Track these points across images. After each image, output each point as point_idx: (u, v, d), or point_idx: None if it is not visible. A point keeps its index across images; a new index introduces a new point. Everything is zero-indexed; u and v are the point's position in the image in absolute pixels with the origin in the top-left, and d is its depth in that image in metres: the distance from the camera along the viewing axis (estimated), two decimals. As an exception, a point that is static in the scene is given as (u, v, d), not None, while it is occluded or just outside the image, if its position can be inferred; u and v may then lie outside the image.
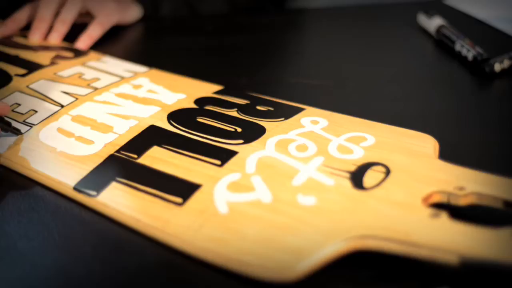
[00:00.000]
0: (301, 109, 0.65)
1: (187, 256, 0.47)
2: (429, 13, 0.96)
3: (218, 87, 0.71)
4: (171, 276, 0.46)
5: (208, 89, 0.71)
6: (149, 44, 0.95)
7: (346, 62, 0.87)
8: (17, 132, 0.60)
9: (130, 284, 0.45)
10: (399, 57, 0.90)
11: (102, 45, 0.89)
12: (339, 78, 0.80)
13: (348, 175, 0.52)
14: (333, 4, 1.14)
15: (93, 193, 0.52)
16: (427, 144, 0.57)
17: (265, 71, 0.83)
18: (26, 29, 0.91)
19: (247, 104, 0.66)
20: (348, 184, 0.51)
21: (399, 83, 0.79)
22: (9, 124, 0.60)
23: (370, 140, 0.58)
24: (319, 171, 0.53)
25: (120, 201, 0.52)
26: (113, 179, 0.54)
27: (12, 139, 0.61)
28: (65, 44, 0.88)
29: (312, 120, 0.62)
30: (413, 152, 0.56)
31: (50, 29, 0.89)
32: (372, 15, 1.11)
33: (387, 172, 0.52)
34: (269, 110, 0.65)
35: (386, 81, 0.79)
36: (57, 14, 0.89)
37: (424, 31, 0.97)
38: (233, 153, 0.56)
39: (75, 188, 0.54)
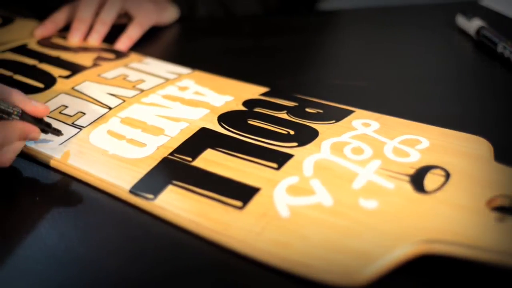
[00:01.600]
0: (350, 112, 0.65)
1: (249, 259, 0.46)
2: (468, 15, 0.95)
3: (263, 89, 0.71)
4: (231, 280, 0.46)
5: (254, 90, 0.71)
6: (188, 45, 0.95)
7: (386, 63, 0.86)
8: (57, 133, 0.60)
9: (190, 288, 0.45)
10: (439, 58, 0.89)
11: (140, 46, 0.89)
12: (380, 79, 0.80)
13: (407, 178, 0.52)
14: (366, 5, 1.14)
15: (150, 196, 0.52)
16: (482, 146, 0.57)
17: (306, 72, 0.82)
18: (64, 30, 0.90)
19: (295, 106, 0.66)
20: (409, 187, 0.51)
21: (442, 84, 0.79)
22: (49, 125, 0.59)
23: (425, 143, 0.58)
24: (377, 174, 0.53)
25: (178, 204, 0.51)
26: (169, 182, 0.54)
27: (60, 140, 0.60)
28: (105, 45, 0.87)
29: (363, 123, 0.62)
30: (470, 155, 0.56)
31: (89, 30, 0.88)
32: (405, 16, 1.10)
33: (447, 175, 0.52)
34: (318, 112, 0.65)
35: (428, 83, 0.79)
36: (96, 15, 0.89)
37: (463, 32, 0.96)
38: (289, 156, 0.56)
39: (131, 191, 0.53)
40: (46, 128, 0.58)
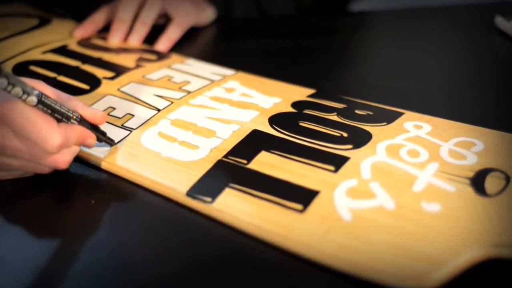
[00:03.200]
0: (400, 113, 0.64)
1: (312, 263, 0.46)
2: (508, 16, 0.94)
3: (310, 91, 0.71)
4: (294, 283, 0.46)
5: (300, 92, 0.70)
6: (227, 46, 0.95)
7: (426, 65, 0.86)
8: (111, 142, 0.60)
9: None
10: (480, 59, 0.89)
11: (180, 47, 0.89)
12: (423, 81, 0.79)
13: (468, 181, 0.52)
14: (402, 6, 1.13)
15: (208, 199, 0.52)
16: (537, 149, 0.56)
17: (348, 73, 0.82)
18: (103, 30, 0.90)
19: (345, 108, 0.66)
20: (470, 190, 0.50)
21: (485, 85, 0.78)
22: (104, 133, 0.59)
23: (479, 145, 0.57)
24: (437, 177, 0.52)
25: (237, 207, 0.51)
26: (226, 185, 0.53)
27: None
28: (145, 46, 0.87)
29: (415, 125, 0.61)
30: (526, 157, 0.55)
31: (129, 31, 0.88)
32: (442, 17, 1.09)
33: (507, 178, 0.51)
34: (368, 114, 0.64)
35: (471, 84, 0.78)
36: (135, 15, 0.89)
37: (502, 33, 0.96)
38: (345, 158, 0.56)
39: (188, 195, 0.53)
40: (101, 136, 0.58)
